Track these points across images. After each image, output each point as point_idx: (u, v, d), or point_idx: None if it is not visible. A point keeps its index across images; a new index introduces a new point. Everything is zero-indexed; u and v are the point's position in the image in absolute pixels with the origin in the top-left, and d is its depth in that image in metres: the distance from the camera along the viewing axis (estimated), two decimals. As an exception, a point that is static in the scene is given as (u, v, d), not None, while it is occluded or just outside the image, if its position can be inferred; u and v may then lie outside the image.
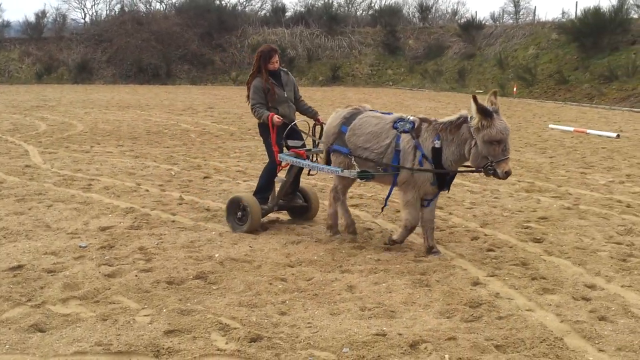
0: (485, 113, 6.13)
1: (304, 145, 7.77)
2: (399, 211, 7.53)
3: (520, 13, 52.41)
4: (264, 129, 7.65)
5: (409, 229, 6.87)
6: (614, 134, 17.06)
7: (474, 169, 6.54)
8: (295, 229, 7.72)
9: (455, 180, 10.74)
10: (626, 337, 4.72)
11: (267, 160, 7.89)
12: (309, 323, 4.96)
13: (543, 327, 4.89)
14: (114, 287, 5.65)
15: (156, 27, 46.24)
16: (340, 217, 7.45)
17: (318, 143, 7.75)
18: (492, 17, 53.88)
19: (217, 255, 6.61)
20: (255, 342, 4.58)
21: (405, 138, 6.67)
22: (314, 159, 7.73)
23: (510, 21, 50.61)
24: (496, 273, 6.14)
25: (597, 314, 5.17)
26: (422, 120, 6.73)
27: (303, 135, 7.81)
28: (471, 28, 45.36)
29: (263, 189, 7.82)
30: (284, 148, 7.64)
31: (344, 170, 6.99)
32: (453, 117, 6.57)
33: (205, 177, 10.90)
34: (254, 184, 9.01)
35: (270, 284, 5.82)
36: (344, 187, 7.40)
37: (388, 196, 7.05)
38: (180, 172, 11.38)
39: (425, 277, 6.02)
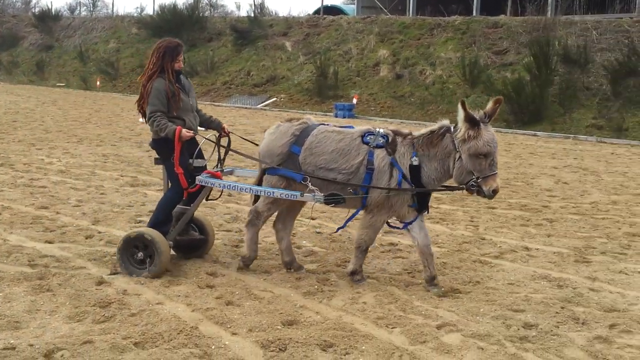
0: (472, 122, 5.45)
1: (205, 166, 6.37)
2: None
3: (97, 6, 51.96)
4: (164, 145, 6.03)
5: (364, 250, 5.97)
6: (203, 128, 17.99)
7: (452, 187, 5.92)
8: None
9: (57, 178, 10.27)
10: (254, 318, 5.04)
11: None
12: None
13: (177, 319, 4.95)
14: None
15: None
16: (245, 245, 6.30)
17: (222, 161, 6.43)
18: (70, 8, 52.30)
19: None
20: None
21: (379, 154, 5.77)
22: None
23: (87, 14, 49.86)
24: (119, 270, 5.99)
25: (224, 299, 5.42)
26: (395, 133, 5.90)
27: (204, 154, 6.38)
28: (47, 19, 43.48)
29: (161, 223, 6.13)
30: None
31: (305, 195, 5.78)
32: (434, 127, 5.80)
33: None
34: None
35: None
36: (269, 215, 6.24)
37: (350, 218, 6.11)
38: None
39: (46, 282, 5.58)
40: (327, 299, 5.53)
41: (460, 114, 5.48)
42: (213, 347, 4.51)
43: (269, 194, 5.94)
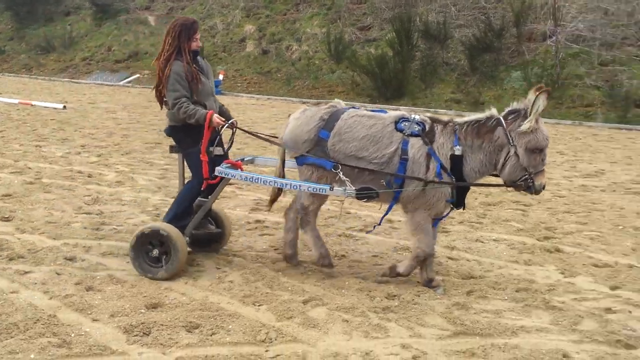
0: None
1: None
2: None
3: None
4: (187, 133, 5.62)
5: (421, 260, 5.40)
6: (61, 105, 17.19)
7: (494, 184, 5.43)
8: None
9: None
10: (116, 302, 4.87)
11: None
12: None
13: (34, 307, 4.70)
14: None
15: None
16: (311, 246, 5.79)
17: (229, 148, 5.96)
18: None
19: None
20: None
21: (415, 144, 5.23)
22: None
23: None
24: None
25: (84, 285, 5.19)
26: (434, 120, 5.40)
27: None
28: None
29: (180, 216, 5.68)
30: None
31: (335, 189, 5.28)
32: (479, 116, 5.31)
33: None
34: None
35: None
36: (317, 207, 5.77)
37: (387, 213, 5.56)
38: None
39: None
40: (193, 279, 5.44)
41: (539, 104, 4.96)
42: (73, 334, 4.33)
43: (293, 187, 5.50)
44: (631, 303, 5.19)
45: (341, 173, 5.28)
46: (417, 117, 5.37)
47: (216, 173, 5.51)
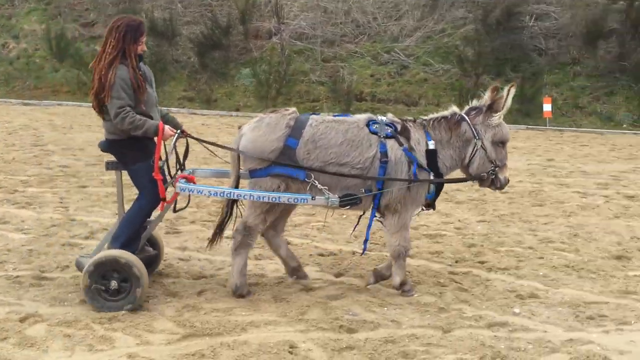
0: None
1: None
2: None
3: None
4: (130, 147, 5.05)
5: (404, 257, 5.30)
6: None
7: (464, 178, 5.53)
8: None
9: None
10: None
11: None
12: None
13: None
14: None
15: None
16: (234, 273, 5.22)
17: (182, 165, 5.29)
18: None
19: None
20: None
21: (392, 145, 5.14)
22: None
23: None
24: None
25: None
26: (404, 120, 5.36)
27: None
28: None
29: (132, 240, 5.08)
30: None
31: (316, 198, 5.02)
32: (445, 113, 5.37)
33: None
34: None
35: None
36: (263, 227, 5.28)
37: (370, 226, 5.31)
38: None
39: None
40: None
41: (506, 99, 5.22)
42: None
43: (273, 199, 5.01)
44: (354, 289, 5.49)
45: (318, 183, 5.06)
46: (384, 118, 5.32)
47: (179, 190, 5.08)
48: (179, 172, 5.28)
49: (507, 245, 6.84)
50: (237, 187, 5.31)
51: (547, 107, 17.78)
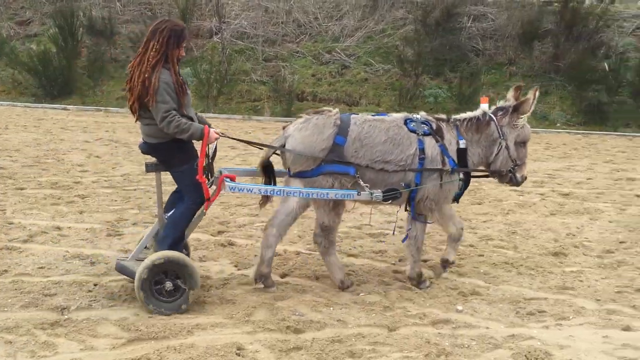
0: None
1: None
2: None
3: None
4: (177, 150, 5.09)
5: (420, 249, 5.67)
6: None
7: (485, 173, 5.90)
8: None
9: None
10: None
11: None
12: None
13: None
14: None
15: None
16: (332, 272, 5.57)
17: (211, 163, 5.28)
18: None
19: None
20: None
21: (429, 142, 5.43)
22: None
23: None
24: None
25: None
26: (437, 119, 5.65)
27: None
28: None
29: (178, 241, 5.15)
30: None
31: (361, 193, 5.23)
32: (475, 113, 5.73)
33: None
34: None
35: None
36: (338, 223, 5.53)
37: (413, 213, 5.55)
38: None
39: None
40: None
41: (530, 101, 5.55)
42: None
43: (321, 195, 5.19)
44: (299, 289, 5.51)
45: (361, 180, 5.27)
46: (418, 116, 5.59)
47: (229, 190, 5.15)
48: (217, 173, 5.39)
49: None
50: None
51: (484, 106, 18.09)
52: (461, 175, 5.61)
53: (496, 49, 20.99)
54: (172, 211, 5.31)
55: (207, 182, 5.10)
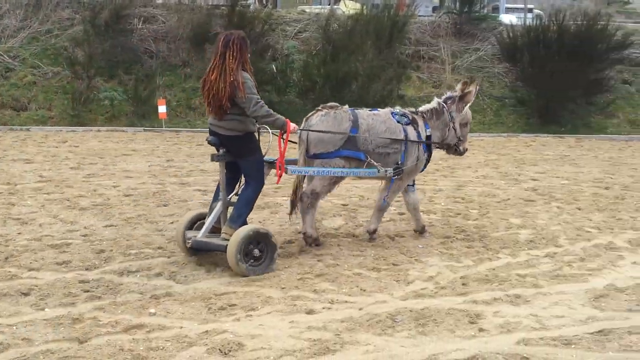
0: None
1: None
2: None
3: None
4: (249, 140, 6.26)
5: (385, 210, 7.46)
6: None
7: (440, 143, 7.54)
8: None
9: None
10: None
11: None
12: None
13: None
14: None
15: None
16: (306, 225, 6.90)
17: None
18: None
19: None
20: None
21: (410, 130, 7.06)
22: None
23: None
24: None
25: None
26: (411, 112, 7.29)
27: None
28: None
29: (245, 217, 6.25)
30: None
31: (381, 170, 6.83)
32: (433, 104, 7.47)
33: None
34: None
35: None
36: (326, 193, 7.05)
37: (390, 187, 7.14)
38: None
39: None
40: None
41: (474, 92, 7.39)
42: None
43: (353, 174, 6.90)
44: None
45: (372, 160, 6.77)
46: (399, 110, 7.20)
47: (290, 172, 6.50)
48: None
49: (137, 247, 6.87)
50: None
51: (161, 108, 17.92)
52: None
53: (169, 51, 21.04)
54: (240, 194, 6.29)
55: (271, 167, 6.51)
